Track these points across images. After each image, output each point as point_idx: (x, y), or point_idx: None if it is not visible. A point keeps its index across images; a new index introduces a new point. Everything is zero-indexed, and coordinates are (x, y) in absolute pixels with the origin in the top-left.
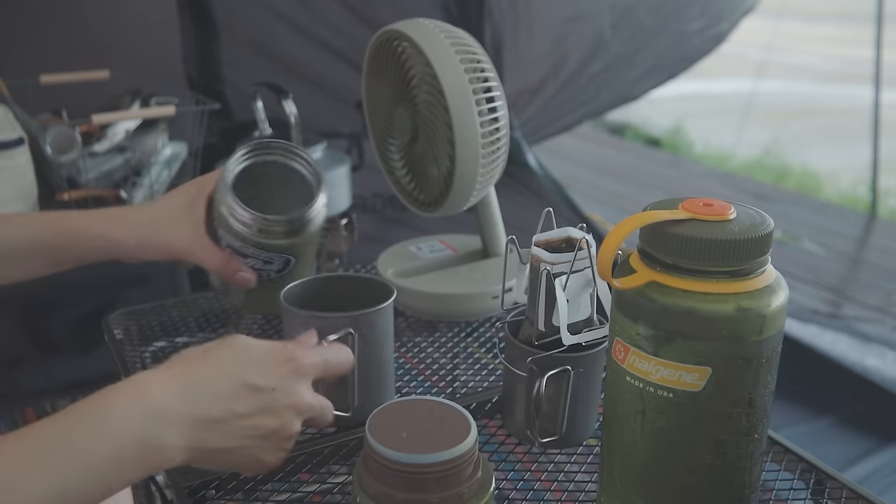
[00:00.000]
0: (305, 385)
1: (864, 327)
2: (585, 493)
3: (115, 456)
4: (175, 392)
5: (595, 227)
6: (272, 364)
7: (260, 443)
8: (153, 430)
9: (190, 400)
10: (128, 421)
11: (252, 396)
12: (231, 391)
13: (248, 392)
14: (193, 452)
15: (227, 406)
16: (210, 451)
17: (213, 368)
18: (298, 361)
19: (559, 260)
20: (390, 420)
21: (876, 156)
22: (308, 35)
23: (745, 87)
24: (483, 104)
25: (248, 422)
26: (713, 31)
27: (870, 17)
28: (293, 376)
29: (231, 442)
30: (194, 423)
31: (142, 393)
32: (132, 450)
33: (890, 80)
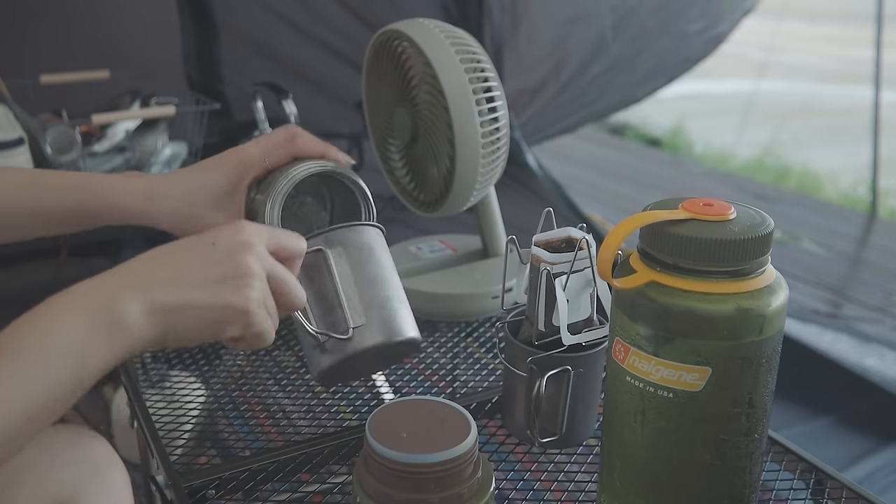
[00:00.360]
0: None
1: (864, 327)
2: (585, 493)
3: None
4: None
5: (595, 227)
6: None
7: (217, 287)
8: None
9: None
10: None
11: (194, 251)
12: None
13: (189, 249)
14: (154, 316)
15: (171, 265)
16: (170, 310)
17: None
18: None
19: (559, 260)
20: (390, 420)
21: (876, 156)
22: (308, 35)
23: (746, 87)
24: (483, 104)
25: (196, 272)
26: (713, 31)
27: (870, 17)
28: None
29: (187, 294)
30: (144, 287)
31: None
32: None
33: (890, 80)
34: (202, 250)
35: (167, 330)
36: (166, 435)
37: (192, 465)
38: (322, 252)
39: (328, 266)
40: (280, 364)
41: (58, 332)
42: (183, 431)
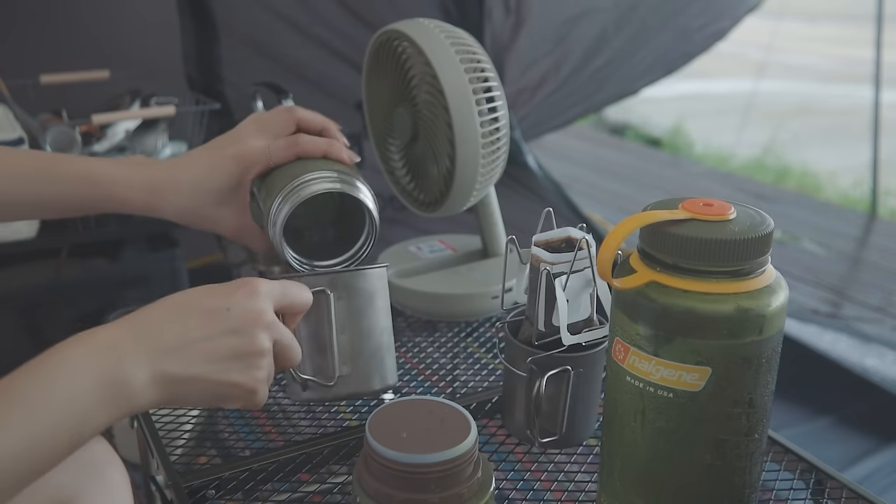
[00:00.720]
0: (264, 303)
1: (864, 327)
2: (585, 493)
3: (77, 400)
4: (126, 331)
5: (595, 227)
6: (225, 289)
7: (227, 364)
8: (110, 367)
9: (142, 333)
10: (81, 363)
11: (208, 319)
12: (184, 317)
13: (203, 316)
14: (161, 385)
15: (182, 332)
16: (177, 380)
17: (164, 305)
18: (253, 283)
19: (559, 260)
20: (390, 420)
21: (876, 156)
22: (308, 35)
23: (745, 87)
24: (483, 104)
25: (208, 344)
26: (714, 27)
27: (870, 17)
28: (249, 295)
29: (196, 368)
30: (152, 354)
31: (91, 336)
32: (93, 391)
33: (890, 80)
34: (216, 318)
35: (171, 397)
36: (166, 435)
37: (192, 465)
38: (325, 294)
39: (328, 310)
40: None
41: (64, 385)
42: (183, 431)
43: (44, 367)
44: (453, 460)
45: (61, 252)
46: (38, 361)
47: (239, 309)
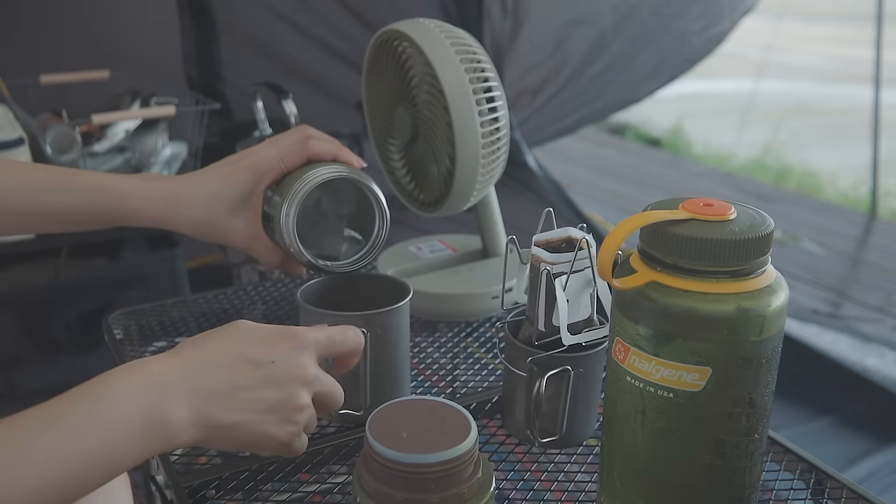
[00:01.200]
0: (308, 358)
1: (864, 327)
2: (585, 493)
3: (117, 434)
4: (176, 368)
5: (595, 227)
6: (272, 339)
7: (265, 416)
8: (156, 403)
9: (191, 374)
10: (128, 396)
11: (253, 370)
12: (231, 364)
13: (249, 366)
14: (200, 428)
15: (229, 379)
16: (216, 426)
17: (213, 347)
18: (299, 336)
19: (559, 260)
20: (390, 420)
21: (876, 156)
22: (308, 35)
23: (745, 87)
24: (483, 104)
25: (250, 394)
26: (714, 30)
27: (870, 17)
28: (294, 349)
29: (236, 415)
30: (197, 396)
31: (141, 370)
32: (136, 426)
33: (890, 80)
34: (260, 370)
35: (208, 440)
36: None
37: (192, 465)
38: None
39: (365, 351)
40: None
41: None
42: None
43: (90, 398)
44: (453, 460)
45: (61, 252)
46: (86, 390)
47: (283, 362)
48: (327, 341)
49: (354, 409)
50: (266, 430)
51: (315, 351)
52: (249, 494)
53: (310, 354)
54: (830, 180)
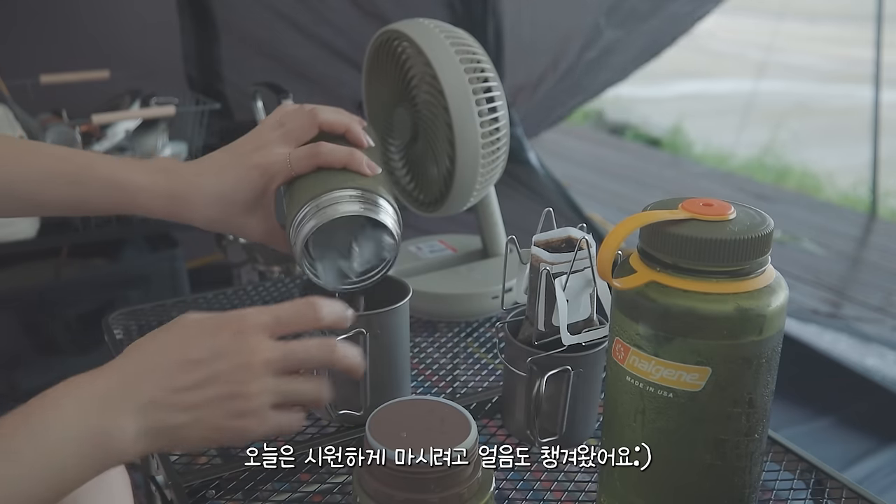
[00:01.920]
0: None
1: (864, 327)
2: (585, 493)
3: (61, 455)
4: (116, 380)
5: (595, 227)
6: (211, 333)
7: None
8: (97, 421)
9: (132, 384)
10: (67, 417)
11: (194, 368)
12: (171, 367)
13: (190, 365)
14: (149, 437)
15: (170, 382)
16: (165, 431)
17: (154, 350)
18: (240, 323)
19: (559, 260)
20: (390, 420)
21: (876, 156)
22: (308, 34)
23: (745, 87)
24: (483, 104)
25: (193, 394)
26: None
27: (870, 17)
28: (236, 339)
29: (183, 417)
30: (140, 406)
31: (80, 386)
32: (81, 444)
33: (890, 80)
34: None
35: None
36: None
37: (192, 465)
38: (361, 335)
39: (364, 351)
40: None
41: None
42: None
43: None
44: (453, 460)
45: (61, 252)
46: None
47: (226, 355)
48: (273, 321)
49: (354, 410)
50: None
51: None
52: (249, 494)
53: (254, 341)
54: (830, 180)
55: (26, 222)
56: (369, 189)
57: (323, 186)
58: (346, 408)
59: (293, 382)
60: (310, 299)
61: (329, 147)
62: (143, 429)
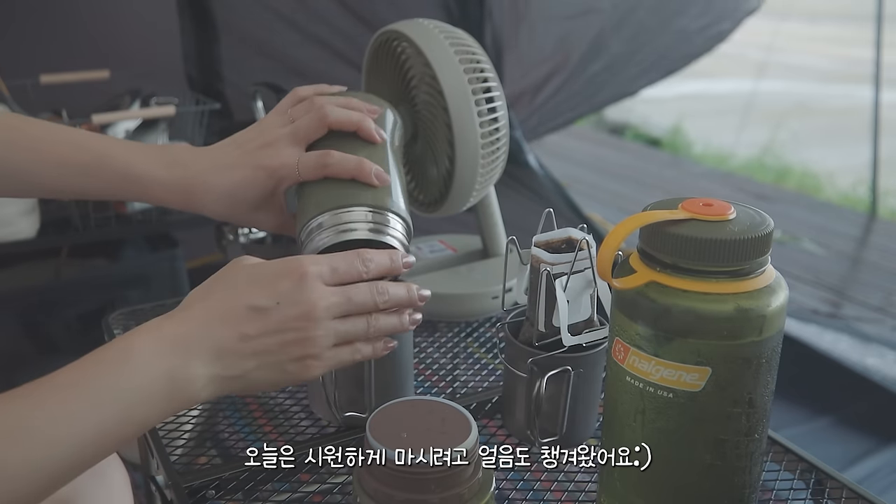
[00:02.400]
0: (312, 292)
1: (864, 327)
2: (585, 493)
3: (141, 396)
4: (191, 327)
5: (595, 227)
6: (272, 279)
7: (279, 357)
8: (177, 364)
9: (204, 332)
10: (150, 359)
11: (259, 317)
12: (237, 315)
13: (254, 314)
14: (219, 381)
15: (237, 330)
16: (233, 377)
17: (219, 298)
18: (300, 270)
19: (559, 260)
20: (390, 420)
21: (876, 156)
22: (308, 35)
23: (745, 87)
24: (483, 104)
25: (260, 342)
26: (715, 29)
27: (870, 17)
28: (296, 285)
29: (250, 363)
30: (212, 352)
31: (159, 331)
32: (159, 387)
33: (890, 80)
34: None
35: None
36: (166, 435)
37: (192, 465)
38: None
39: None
40: None
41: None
42: (183, 431)
43: (112, 360)
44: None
45: (61, 252)
46: (106, 352)
47: (287, 303)
48: (329, 272)
49: (360, 411)
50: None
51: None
52: (249, 494)
53: (313, 288)
54: (830, 180)
55: (26, 222)
56: (380, 208)
57: (336, 201)
58: (352, 409)
59: (348, 323)
60: (360, 252)
61: (338, 158)
62: (213, 374)
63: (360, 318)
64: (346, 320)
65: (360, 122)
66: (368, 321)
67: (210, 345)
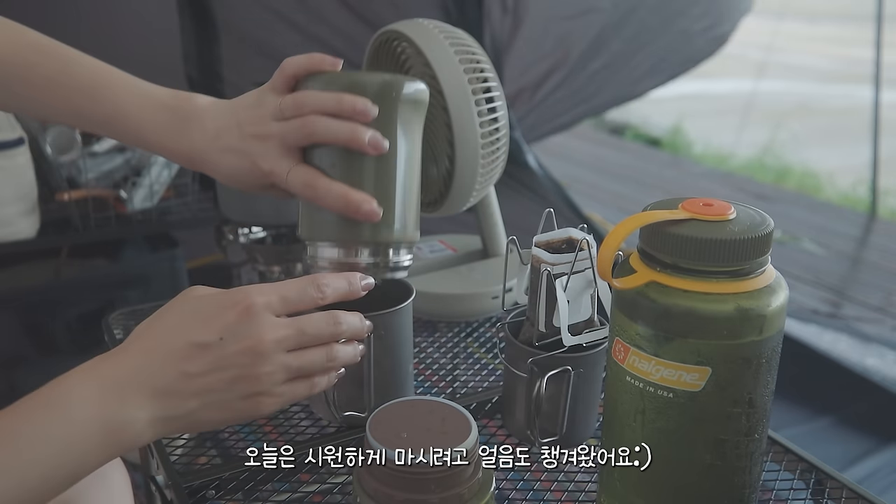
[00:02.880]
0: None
1: (864, 327)
2: (585, 493)
3: (76, 441)
4: (128, 368)
5: (595, 227)
6: (216, 313)
7: (224, 395)
8: (113, 407)
9: (143, 371)
10: (84, 402)
11: (201, 353)
12: (179, 353)
13: (196, 351)
14: (160, 424)
15: (179, 370)
16: (178, 417)
17: (161, 334)
18: (245, 302)
19: (560, 261)
20: (390, 420)
21: (876, 156)
22: (308, 35)
23: (745, 87)
24: (483, 104)
25: (203, 380)
26: (716, 31)
27: (870, 17)
28: (242, 319)
29: (193, 402)
30: (151, 393)
31: (95, 373)
32: (93, 432)
33: (890, 80)
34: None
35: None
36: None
37: (192, 465)
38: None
39: (368, 352)
40: None
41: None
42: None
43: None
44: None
45: (61, 252)
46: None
47: (232, 338)
48: (279, 301)
49: (359, 411)
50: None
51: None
52: (249, 494)
53: (262, 321)
54: (830, 180)
55: (26, 222)
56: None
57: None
58: (351, 409)
59: (303, 357)
60: (314, 277)
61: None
62: (154, 417)
63: (317, 351)
64: (301, 354)
65: (350, 138)
66: (328, 353)
67: (149, 386)
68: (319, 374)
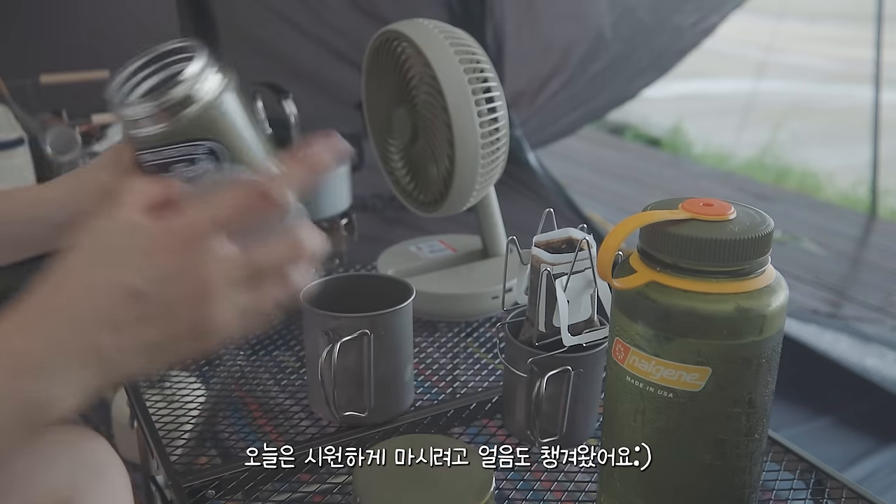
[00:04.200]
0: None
1: (864, 327)
2: (585, 493)
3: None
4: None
5: (595, 227)
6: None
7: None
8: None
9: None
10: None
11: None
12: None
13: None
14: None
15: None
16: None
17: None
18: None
19: (560, 261)
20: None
21: (876, 156)
22: (308, 35)
23: (745, 87)
24: (483, 104)
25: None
26: (705, 24)
27: (870, 17)
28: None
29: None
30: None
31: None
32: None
33: (890, 80)
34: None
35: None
36: (166, 435)
37: (192, 465)
38: (366, 336)
39: (368, 352)
40: (280, 364)
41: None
42: (183, 431)
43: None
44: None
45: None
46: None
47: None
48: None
49: (359, 412)
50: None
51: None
52: (249, 494)
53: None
54: (830, 180)
55: None
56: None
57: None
58: (351, 409)
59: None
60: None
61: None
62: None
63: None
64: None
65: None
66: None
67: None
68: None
